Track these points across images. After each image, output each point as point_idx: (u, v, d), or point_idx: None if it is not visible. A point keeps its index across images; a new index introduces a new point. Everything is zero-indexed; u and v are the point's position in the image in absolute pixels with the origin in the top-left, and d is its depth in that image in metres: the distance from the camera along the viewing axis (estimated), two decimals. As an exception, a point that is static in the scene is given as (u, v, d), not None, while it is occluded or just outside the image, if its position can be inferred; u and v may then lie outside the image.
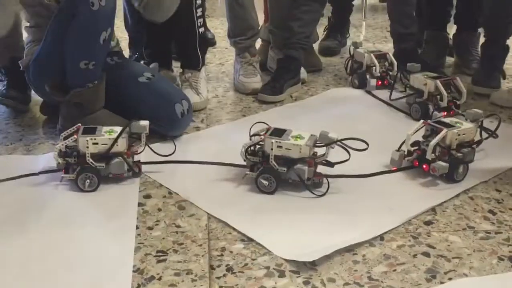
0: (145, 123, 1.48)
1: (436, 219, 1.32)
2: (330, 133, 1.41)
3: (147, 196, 1.41)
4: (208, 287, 1.07)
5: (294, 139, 1.41)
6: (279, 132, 1.44)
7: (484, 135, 1.62)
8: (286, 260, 1.15)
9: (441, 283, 1.09)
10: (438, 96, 1.87)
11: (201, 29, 2.07)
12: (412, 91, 1.96)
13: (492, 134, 1.61)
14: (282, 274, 1.12)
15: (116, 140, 1.42)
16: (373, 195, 1.42)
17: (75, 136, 1.42)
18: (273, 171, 1.40)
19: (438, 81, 1.87)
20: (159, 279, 1.10)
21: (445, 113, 1.83)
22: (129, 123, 1.47)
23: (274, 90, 2.09)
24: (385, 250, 1.20)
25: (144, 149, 1.50)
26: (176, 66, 2.22)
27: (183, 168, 1.53)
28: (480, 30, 2.40)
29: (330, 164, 1.44)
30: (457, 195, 1.42)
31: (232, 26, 2.25)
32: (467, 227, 1.29)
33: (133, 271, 1.11)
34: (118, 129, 1.45)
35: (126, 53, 2.08)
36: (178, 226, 1.28)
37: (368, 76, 2.17)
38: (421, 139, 1.53)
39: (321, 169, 1.44)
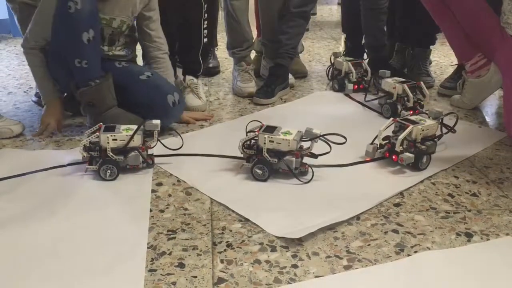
0: (157, 122, 1.46)
1: (404, 201, 1.31)
2: (314, 130, 1.41)
3: (159, 184, 1.39)
4: (211, 260, 1.06)
5: (284, 135, 1.40)
6: (270, 129, 1.43)
7: (445, 130, 1.61)
8: (277, 237, 1.14)
9: (408, 255, 1.08)
10: (405, 98, 1.87)
11: (205, 39, 2.05)
12: (383, 94, 1.95)
13: (451, 129, 1.61)
14: (273, 249, 1.10)
15: (132, 136, 1.41)
16: (350, 182, 1.40)
17: (98, 133, 1.40)
18: (266, 162, 1.39)
19: (405, 85, 1.87)
20: (170, 254, 1.08)
21: (412, 112, 1.82)
22: (143, 121, 1.45)
23: (267, 94, 2.08)
24: (361, 228, 1.18)
25: (156, 144, 1.49)
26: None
27: (190, 160, 1.52)
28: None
29: (314, 156, 1.43)
30: (422, 181, 1.41)
31: (230, 39, 2.23)
32: (430, 208, 1.28)
33: (148, 247, 1.10)
34: (134, 127, 1.44)
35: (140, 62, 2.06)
36: (186, 209, 1.26)
37: (346, 81, 2.17)
38: (391, 134, 1.53)
39: (306, 160, 1.43)
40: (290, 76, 2.28)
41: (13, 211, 1.23)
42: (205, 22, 1.97)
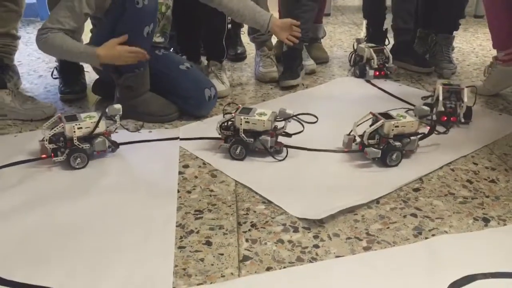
0: (118, 106, 1.48)
1: (423, 186, 1.34)
2: (287, 110, 1.47)
3: (186, 166, 1.44)
4: (237, 239, 1.11)
5: (259, 116, 1.45)
6: (246, 110, 1.48)
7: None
8: (299, 219, 1.18)
9: (426, 238, 1.11)
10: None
11: (229, 25, 2.08)
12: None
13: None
14: (296, 230, 1.15)
15: (98, 123, 1.42)
16: (370, 166, 1.43)
17: (61, 124, 1.39)
18: (242, 142, 1.44)
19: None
20: (197, 232, 1.13)
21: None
22: (105, 109, 1.47)
23: (293, 75, 2.10)
24: (380, 212, 1.22)
25: (116, 128, 1.50)
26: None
27: (215, 144, 1.55)
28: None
29: (288, 135, 1.49)
30: (441, 167, 1.43)
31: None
32: (448, 193, 1.31)
33: (176, 226, 1.15)
34: (94, 114, 1.45)
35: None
36: (211, 191, 1.31)
37: (367, 68, 2.18)
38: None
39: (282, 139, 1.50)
40: (312, 61, 2.30)
41: (48, 190, 1.29)
42: None
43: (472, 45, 2.83)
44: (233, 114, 1.47)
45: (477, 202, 1.27)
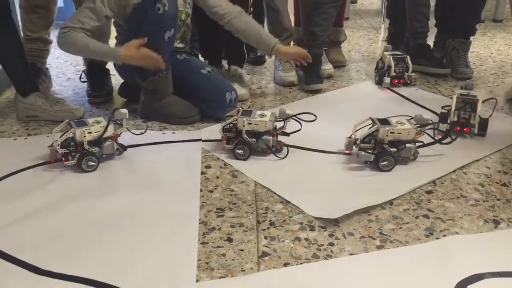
0: (125, 111, 1.53)
1: (435, 189, 1.38)
2: (287, 110, 1.54)
3: (208, 167, 1.51)
4: (256, 236, 1.17)
5: (260, 117, 1.52)
6: (247, 113, 1.55)
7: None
8: (315, 218, 1.23)
9: (437, 238, 1.16)
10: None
11: None
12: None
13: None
14: (312, 228, 1.20)
15: (106, 127, 1.48)
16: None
17: (73, 129, 1.45)
18: (245, 142, 1.51)
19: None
20: (219, 229, 1.20)
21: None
22: (112, 113, 1.53)
23: (319, 80, 2.16)
24: (393, 212, 1.27)
25: (122, 131, 1.56)
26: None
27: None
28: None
29: (287, 134, 1.57)
30: (454, 171, 1.46)
31: (270, 29, 2.30)
32: (460, 196, 1.34)
33: (199, 223, 1.21)
34: (101, 119, 1.51)
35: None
36: (232, 190, 1.38)
37: (386, 75, 2.21)
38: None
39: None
40: (330, 66, 2.35)
41: (79, 188, 1.38)
42: (251, 16, 2.06)
43: (490, 50, 2.85)
44: (235, 117, 1.53)
45: (488, 204, 1.31)
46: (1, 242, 1.13)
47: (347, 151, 1.53)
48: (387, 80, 2.18)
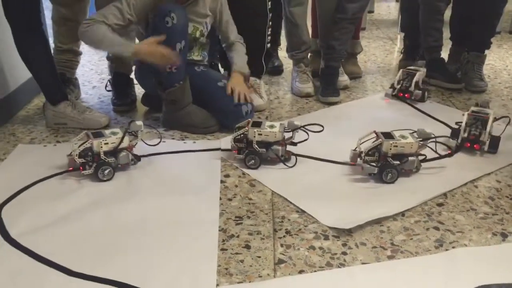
0: (140, 123, 1.59)
1: (446, 202, 1.42)
2: (295, 121, 1.62)
3: (227, 176, 1.57)
4: (273, 244, 1.23)
5: (270, 128, 1.59)
6: (257, 124, 1.62)
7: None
8: (330, 227, 1.29)
9: (446, 250, 1.21)
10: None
11: (268, 44, 2.22)
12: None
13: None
14: (326, 238, 1.26)
15: (122, 138, 1.54)
16: (398, 181, 1.51)
17: (90, 140, 1.50)
18: (256, 152, 1.58)
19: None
20: (237, 236, 1.26)
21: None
22: (128, 124, 1.59)
23: (335, 93, 2.22)
24: (405, 224, 1.31)
25: (137, 142, 1.62)
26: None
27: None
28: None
29: (294, 144, 1.64)
30: (465, 184, 1.51)
31: (289, 42, 2.36)
32: (470, 209, 1.39)
33: (219, 230, 1.28)
34: (117, 130, 1.57)
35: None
36: (250, 199, 1.44)
37: (391, 86, 2.24)
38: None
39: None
40: (346, 77, 2.41)
41: (105, 194, 1.45)
42: (269, 30, 2.14)
43: (505, 62, 2.87)
44: (246, 128, 1.60)
45: (497, 218, 1.35)
46: (34, 245, 1.21)
47: (352, 163, 1.58)
48: (389, 91, 2.23)
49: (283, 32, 2.55)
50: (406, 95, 2.20)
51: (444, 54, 2.50)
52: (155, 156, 1.68)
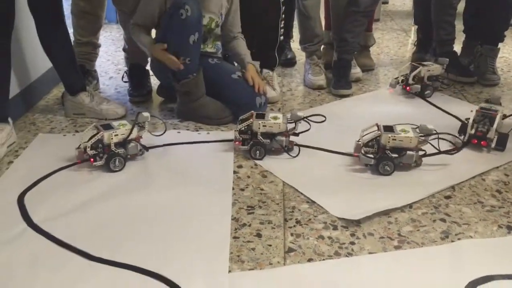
0: (147, 114, 1.62)
1: (454, 194, 1.45)
2: (298, 112, 1.66)
3: (240, 166, 1.61)
4: (283, 233, 1.27)
5: (273, 119, 1.63)
6: (261, 116, 1.66)
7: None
8: (339, 218, 1.32)
9: (452, 241, 1.24)
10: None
11: (281, 37, 2.25)
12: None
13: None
14: (335, 228, 1.29)
15: (131, 130, 1.58)
16: (406, 173, 1.54)
17: (101, 132, 1.54)
18: (260, 143, 1.62)
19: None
20: (249, 225, 1.30)
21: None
22: (136, 116, 1.63)
23: (347, 85, 2.23)
24: (412, 215, 1.34)
25: (144, 133, 1.65)
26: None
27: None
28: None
29: (296, 134, 1.68)
30: (473, 177, 1.53)
31: (302, 35, 2.39)
32: (477, 201, 1.41)
33: (231, 219, 1.32)
34: (125, 122, 1.61)
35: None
36: (262, 189, 1.48)
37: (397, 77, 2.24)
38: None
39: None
40: (358, 70, 2.42)
41: (121, 184, 1.50)
42: (282, 22, 2.16)
43: (520, 55, 2.85)
44: (250, 120, 1.65)
45: (503, 211, 1.37)
46: (55, 230, 1.27)
47: (355, 154, 1.60)
48: (393, 81, 2.23)
49: (295, 25, 2.57)
50: (407, 88, 2.20)
51: (457, 47, 2.50)
52: (169, 146, 1.73)
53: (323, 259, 1.18)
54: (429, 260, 1.17)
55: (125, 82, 2.23)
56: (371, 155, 1.55)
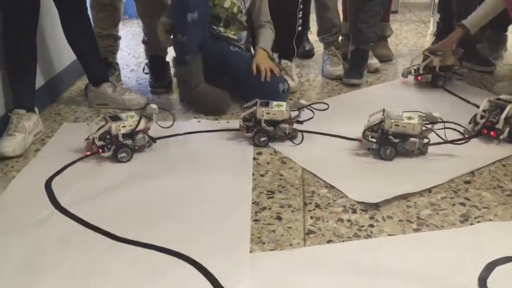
0: (154, 106, 1.63)
1: (474, 179, 1.45)
2: (301, 100, 1.68)
3: (259, 153, 1.64)
4: (303, 216, 1.29)
5: (277, 107, 1.65)
6: (265, 103, 1.68)
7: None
8: (358, 202, 1.34)
9: (471, 224, 1.24)
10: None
11: (299, 28, 2.26)
12: None
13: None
14: (354, 211, 1.31)
15: (139, 121, 1.58)
16: (426, 158, 1.55)
17: (109, 124, 1.55)
18: (264, 130, 1.64)
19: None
20: (269, 209, 1.33)
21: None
22: (144, 108, 1.66)
23: (357, 75, 2.24)
24: (431, 199, 1.35)
25: (151, 124, 1.66)
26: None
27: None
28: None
29: (300, 122, 1.70)
30: (493, 163, 1.53)
31: (320, 25, 2.39)
32: (497, 186, 1.41)
33: (252, 203, 1.35)
34: (133, 113, 1.62)
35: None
36: (281, 175, 1.50)
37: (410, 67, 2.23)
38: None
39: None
40: (376, 60, 2.42)
41: (143, 170, 1.54)
42: (300, 12, 2.17)
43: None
44: (254, 107, 1.66)
45: (523, 195, 1.37)
46: (81, 213, 1.31)
47: (361, 139, 1.60)
48: (405, 71, 2.22)
49: (312, 17, 2.58)
50: (418, 78, 2.18)
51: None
52: (191, 134, 1.76)
53: (343, 241, 1.20)
54: (448, 242, 1.18)
55: (146, 73, 2.27)
56: (374, 140, 1.56)
